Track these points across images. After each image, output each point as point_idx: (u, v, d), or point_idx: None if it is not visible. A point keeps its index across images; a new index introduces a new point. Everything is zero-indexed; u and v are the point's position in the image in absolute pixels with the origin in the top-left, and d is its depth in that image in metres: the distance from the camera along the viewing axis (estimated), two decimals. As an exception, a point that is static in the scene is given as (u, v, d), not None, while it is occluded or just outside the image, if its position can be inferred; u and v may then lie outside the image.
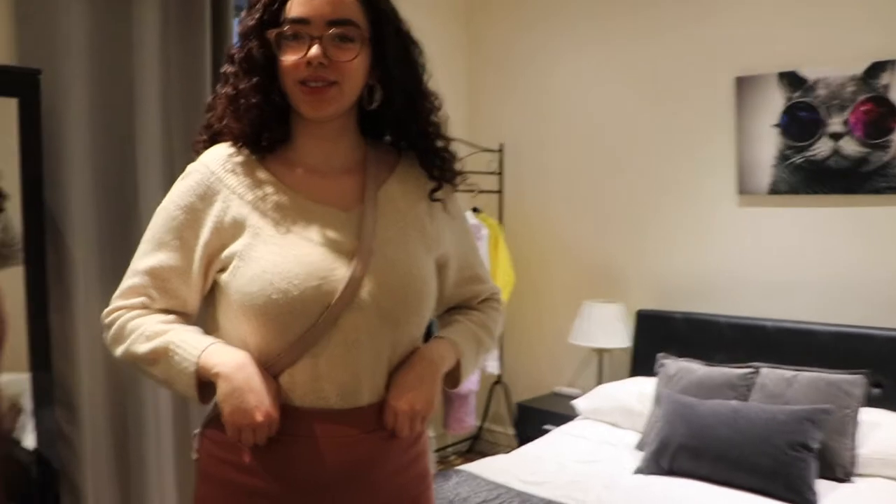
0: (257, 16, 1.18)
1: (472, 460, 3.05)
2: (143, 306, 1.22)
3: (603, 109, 3.84)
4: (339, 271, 1.16)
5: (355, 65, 1.17)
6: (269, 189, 1.20)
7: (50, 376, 2.46)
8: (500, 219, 4.13)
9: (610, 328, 3.61)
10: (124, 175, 2.69)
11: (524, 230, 4.10)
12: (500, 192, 4.14)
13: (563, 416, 3.54)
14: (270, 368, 1.16)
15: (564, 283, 3.99)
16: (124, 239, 2.68)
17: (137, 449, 2.73)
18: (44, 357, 2.44)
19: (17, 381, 2.46)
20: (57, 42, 2.49)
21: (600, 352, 3.73)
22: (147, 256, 1.22)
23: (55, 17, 2.48)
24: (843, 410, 2.68)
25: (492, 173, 4.08)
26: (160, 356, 1.17)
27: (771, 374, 2.89)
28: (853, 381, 2.75)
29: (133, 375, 2.68)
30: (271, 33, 1.16)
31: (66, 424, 2.54)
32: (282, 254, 1.15)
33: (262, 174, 1.22)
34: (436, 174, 1.29)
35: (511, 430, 4.09)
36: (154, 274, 1.21)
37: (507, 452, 3.16)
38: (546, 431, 3.39)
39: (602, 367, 3.75)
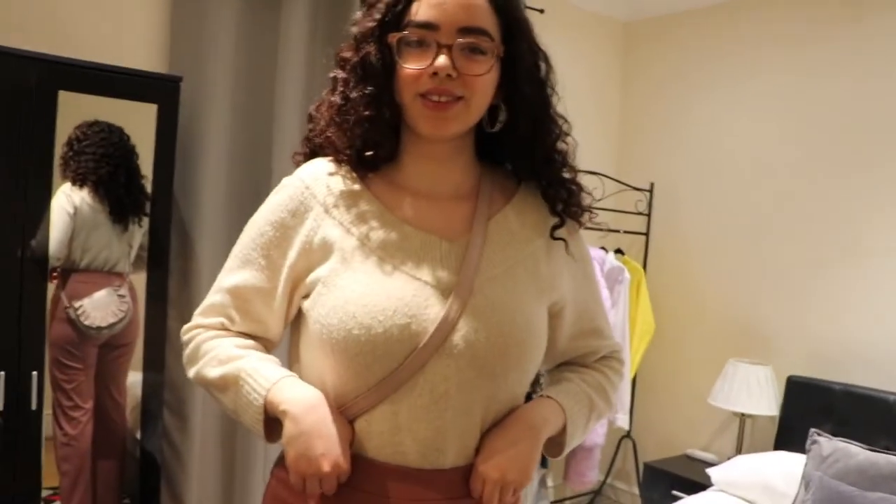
0: (378, 16, 1.06)
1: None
2: (222, 327, 1.14)
3: (767, 152, 3.53)
4: (433, 310, 1.02)
5: (486, 80, 1.05)
6: (366, 210, 1.08)
7: (161, 378, 2.46)
8: (645, 263, 3.89)
9: (755, 392, 3.29)
10: (258, 185, 2.69)
11: (669, 276, 3.83)
12: (646, 234, 3.90)
13: (694, 483, 3.25)
14: (345, 412, 1.04)
15: (709, 338, 3.69)
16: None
17: (244, 463, 2.71)
18: (156, 358, 2.44)
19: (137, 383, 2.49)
20: (203, 49, 2.53)
21: (742, 417, 3.41)
22: (231, 274, 1.14)
23: (205, 25, 2.51)
24: None
25: (639, 213, 3.86)
26: (230, 384, 1.08)
27: (949, 469, 2.50)
28: None
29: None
30: (393, 37, 1.04)
31: (175, 431, 2.55)
32: (369, 284, 1.03)
33: (361, 194, 1.10)
34: (560, 208, 1.14)
35: (636, 490, 3.82)
36: (236, 293, 1.13)
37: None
38: (675, 498, 3.12)
39: (743, 434, 3.42)
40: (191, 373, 1.15)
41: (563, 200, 1.14)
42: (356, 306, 1.01)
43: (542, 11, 3.44)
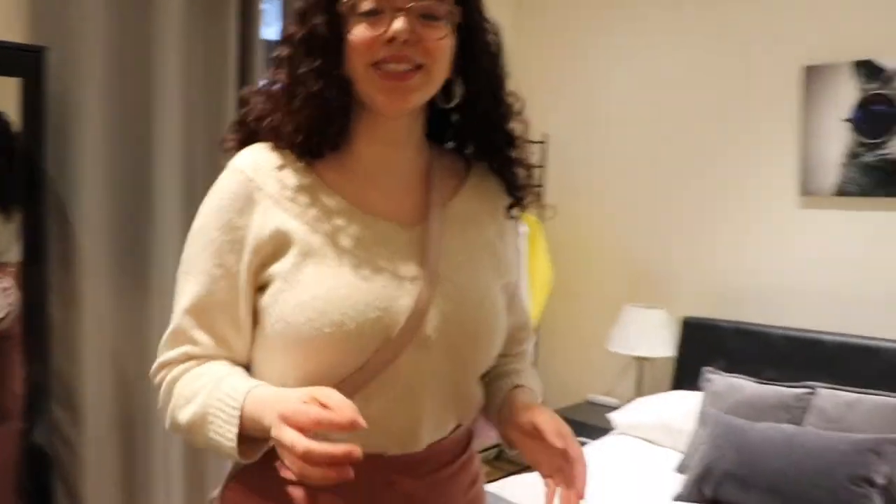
0: None
1: (500, 469, 2.90)
2: (188, 357, 1.04)
3: (656, 101, 3.62)
4: (403, 301, 0.99)
5: (445, 46, 1.00)
6: (320, 198, 1.02)
7: (45, 370, 2.35)
8: (541, 215, 3.94)
9: (652, 335, 3.41)
10: (139, 160, 2.58)
11: (565, 228, 3.90)
12: (541, 186, 3.95)
13: (598, 428, 3.36)
14: None
15: (605, 286, 3.79)
16: (137, 234, 2.60)
17: (144, 455, 2.63)
18: (39, 349, 2.33)
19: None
20: (69, 17, 2.36)
21: (640, 360, 3.53)
22: (185, 293, 1.04)
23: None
24: (913, 441, 2.46)
25: (534, 165, 3.89)
26: (197, 426, 0.98)
27: (830, 396, 2.68)
28: (925, 408, 2.52)
29: (143, 376, 2.56)
30: (347, 4, 0.97)
31: (67, 425, 2.45)
32: (335, 278, 0.98)
33: (311, 181, 1.03)
34: (515, 189, 1.14)
35: (542, 439, 3.91)
36: (195, 312, 1.02)
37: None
38: (581, 444, 3.20)
39: (642, 377, 3.55)
40: (166, 425, 1.05)
41: (519, 181, 1.14)
42: (324, 302, 0.96)
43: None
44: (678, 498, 2.59)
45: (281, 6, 3.06)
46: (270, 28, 3.05)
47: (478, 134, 1.12)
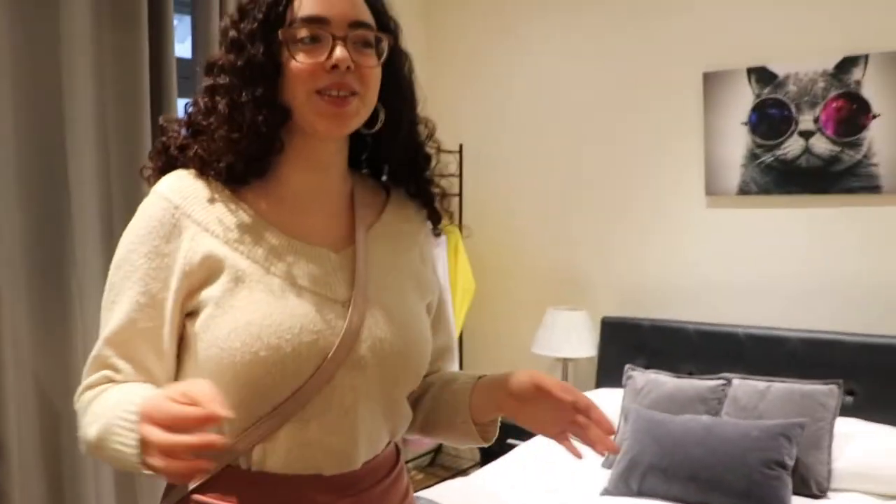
0: (260, 17, 1.02)
1: (434, 475, 2.95)
2: (108, 380, 1.03)
3: (565, 108, 3.75)
4: (336, 323, 1.02)
5: (377, 73, 1.06)
6: (248, 224, 1.04)
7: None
8: (460, 223, 4.02)
9: (574, 337, 3.52)
10: (53, 189, 2.55)
11: (484, 235, 3.99)
12: (459, 195, 4.03)
13: (526, 430, 3.43)
14: (248, 435, 1.00)
15: (527, 290, 3.89)
16: (54, 260, 2.56)
17: (74, 495, 2.57)
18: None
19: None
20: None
21: (565, 361, 3.64)
22: (108, 322, 1.03)
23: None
24: (818, 423, 2.64)
25: (450, 175, 3.97)
26: (103, 439, 0.97)
27: (743, 386, 2.83)
28: (827, 391, 2.70)
29: (67, 410, 2.53)
30: (285, 32, 1.01)
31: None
32: (270, 303, 1.00)
33: (237, 207, 1.05)
34: (432, 210, 1.20)
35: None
36: (116, 340, 1.02)
37: (470, 466, 3.06)
38: (510, 446, 3.30)
39: (567, 377, 3.66)
40: (82, 448, 1.04)
41: (434, 202, 1.19)
42: (260, 327, 0.97)
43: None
44: (605, 493, 2.69)
45: (192, 22, 3.06)
46: (182, 45, 3.05)
47: (396, 158, 1.17)
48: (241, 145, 1.02)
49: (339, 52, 0.99)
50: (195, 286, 1.01)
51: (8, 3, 2.42)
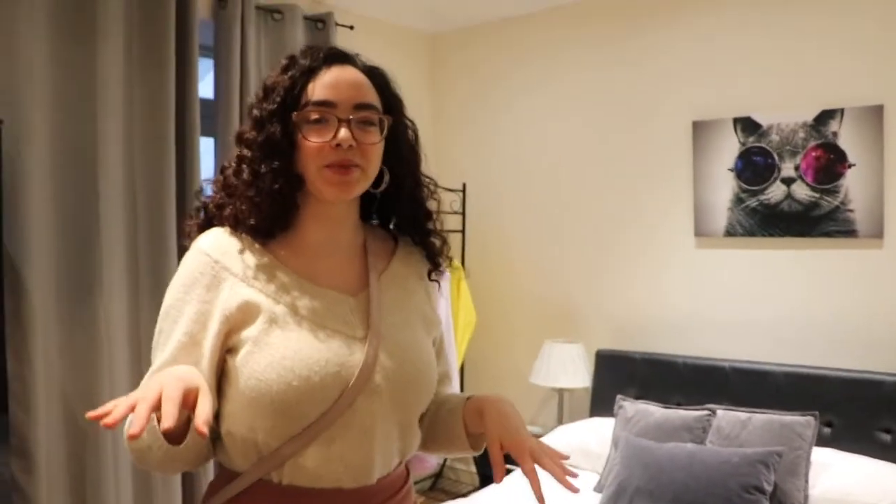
0: (279, 99, 1.20)
1: (435, 499, 3.09)
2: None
3: (562, 150, 3.98)
4: (355, 357, 1.19)
5: (378, 148, 1.23)
6: (277, 275, 1.21)
7: (5, 420, 2.48)
8: (463, 259, 4.22)
9: (570, 368, 3.70)
10: (86, 221, 2.78)
11: (485, 270, 4.20)
12: (462, 231, 4.23)
13: (525, 456, 3.59)
14: (281, 450, 1.16)
15: (525, 323, 4.08)
16: (84, 286, 2.76)
17: (95, 499, 2.76)
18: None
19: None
20: (19, 90, 2.56)
21: (560, 391, 3.82)
22: (155, 359, 1.19)
23: (18, 66, 2.55)
24: (796, 451, 2.80)
25: (454, 213, 4.17)
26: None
27: (726, 416, 3.00)
28: (805, 422, 2.87)
29: (94, 425, 2.72)
30: (298, 115, 1.19)
31: (20, 474, 2.55)
32: (300, 341, 1.16)
33: (267, 260, 1.22)
34: (434, 256, 1.37)
35: (474, 469, 4.16)
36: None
37: (469, 491, 3.22)
38: (508, 471, 3.43)
39: (562, 406, 3.83)
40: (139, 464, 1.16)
41: (437, 248, 1.37)
42: (293, 361, 1.13)
43: (351, 28, 3.67)
44: (596, 514, 2.86)
45: (214, 66, 3.28)
46: (204, 83, 3.26)
47: (401, 211, 1.34)
48: (262, 207, 1.19)
49: (343, 133, 1.16)
50: (234, 328, 1.17)
51: (50, 41, 2.65)
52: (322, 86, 1.19)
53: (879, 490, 2.70)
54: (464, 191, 4.26)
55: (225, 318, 1.16)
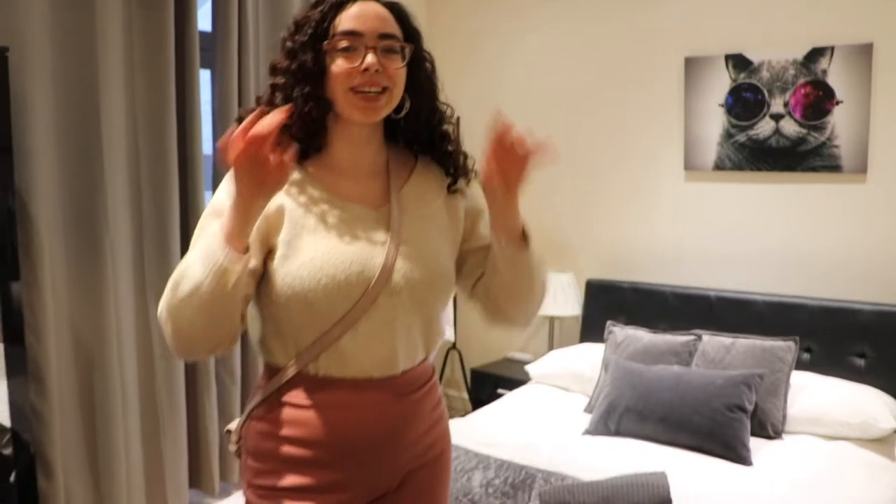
0: (310, 31, 1.32)
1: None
2: None
3: (557, 88, 4.05)
4: (377, 259, 1.33)
5: (402, 73, 1.35)
6: (308, 189, 1.35)
7: (23, 350, 2.58)
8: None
9: (561, 297, 3.85)
10: (89, 154, 2.82)
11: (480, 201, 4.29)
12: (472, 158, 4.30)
13: (516, 380, 3.79)
14: (316, 344, 1.32)
15: (518, 253, 4.19)
16: (89, 219, 2.82)
17: (105, 424, 2.89)
18: (15, 329, 2.56)
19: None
20: (21, 21, 2.57)
21: (552, 319, 3.97)
22: (193, 247, 1.30)
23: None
24: (776, 374, 2.98)
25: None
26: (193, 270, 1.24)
27: (711, 341, 3.17)
28: (785, 347, 3.05)
29: (101, 351, 2.84)
30: (329, 44, 1.31)
31: (36, 397, 2.66)
32: (328, 244, 1.31)
33: (300, 176, 1.36)
34: (451, 171, 1.49)
35: (465, 395, 4.33)
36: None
37: (463, 416, 3.38)
38: (499, 395, 3.62)
39: (553, 333, 3.99)
40: (172, 303, 1.25)
41: (453, 165, 1.49)
42: (322, 261, 1.29)
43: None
44: (587, 432, 3.03)
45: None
46: (202, 12, 3.26)
47: (420, 134, 1.48)
48: (294, 129, 1.31)
49: (370, 58, 1.30)
50: (272, 229, 1.32)
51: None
52: (349, 17, 1.31)
53: (851, 410, 2.90)
54: (457, 124, 4.31)
55: (265, 217, 1.29)
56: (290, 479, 1.35)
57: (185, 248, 3.08)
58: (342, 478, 1.36)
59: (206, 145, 3.22)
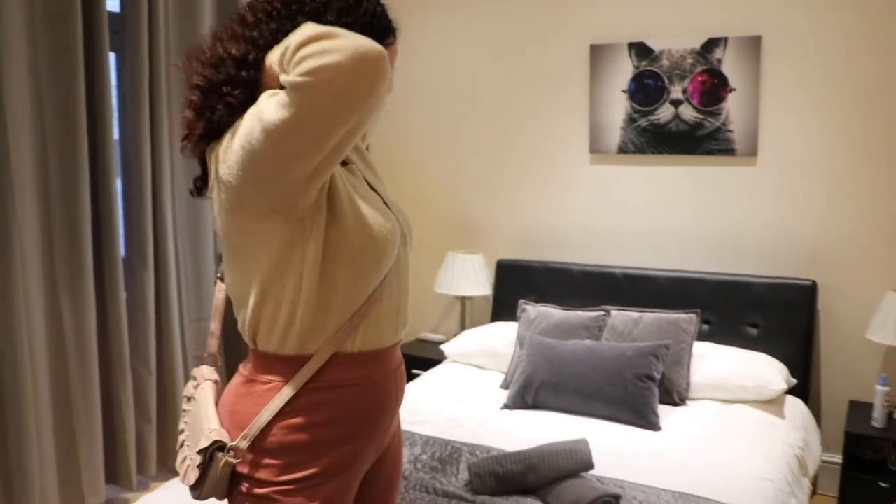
0: (368, 20, 1.46)
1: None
2: None
3: (467, 71, 4.19)
4: (391, 214, 1.41)
5: None
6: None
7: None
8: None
9: (472, 277, 4.01)
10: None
11: (391, 187, 4.36)
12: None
13: (430, 360, 3.92)
14: (360, 312, 1.34)
15: (429, 236, 4.33)
16: None
17: (16, 419, 2.84)
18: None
19: None
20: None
21: (463, 300, 4.13)
22: None
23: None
24: (680, 345, 3.23)
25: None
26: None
27: (620, 316, 3.40)
28: (688, 319, 3.30)
29: (10, 345, 2.78)
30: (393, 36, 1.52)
31: None
32: (369, 208, 1.34)
33: None
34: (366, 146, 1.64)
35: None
36: None
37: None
38: (415, 376, 3.74)
39: (465, 313, 4.15)
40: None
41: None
42: (375, 215, 1.34)
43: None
44: (505, 408, 3.19)
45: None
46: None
47: None
48: None
49: None
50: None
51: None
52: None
53: (747, 375, 3.18)
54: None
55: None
56: (321, 464, 1.33)
57: (96, 235, 3.09)
58: (359, 451, 1.40)
59: (117, 131, 3.18)
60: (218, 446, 1.30)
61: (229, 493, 1.35)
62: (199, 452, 1.31)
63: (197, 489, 1.33)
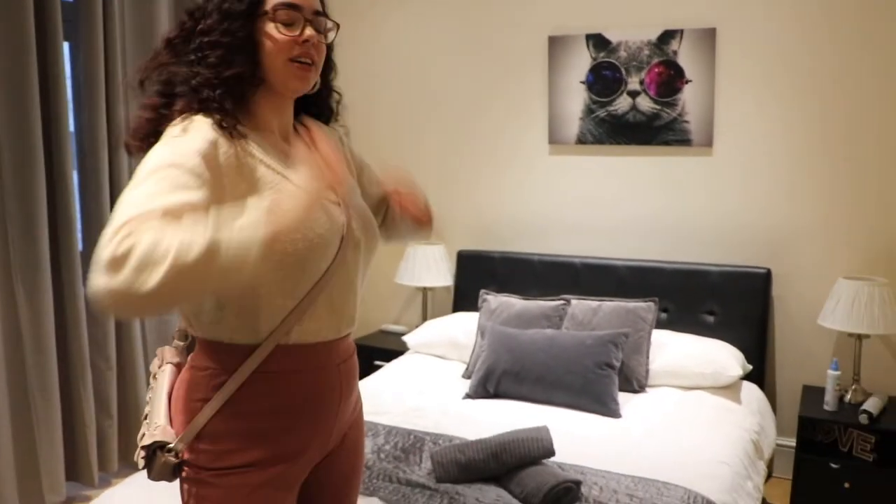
0: (247, 1, 1.37)
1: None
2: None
3: (426, 62, 4.21)
4: (341, 217, 1.41)
5: (325, 50, 1.46)
6: (261, 150, 1.38)
7: None
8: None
9: (433, 268, 4.05)
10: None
11: (350, 175, 4.38)
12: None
13: (392, 351, 3.96)
14: (297, 310, 1.35)
15: (390, 226, 4.34)
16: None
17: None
18: None
19: None
20: None
21: (424, 290, 4.16)
22: (157, 198, 1.15)
23: None
24: (639, 333, 3.29)
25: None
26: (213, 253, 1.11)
27: (579, 305, 3.46)
28: (646, 307, 3.37)
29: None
30: (270, 15, 1.36)
31: None
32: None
33: (246, 142, 1.36)
34: (342, 132, 1.67)
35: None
36: (169, 212, 1.13)
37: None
38: (378, 367, 3.76)
39: (426, 304, 4.18)
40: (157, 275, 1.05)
41: (340, 123, 1.66)
42: (310, 222, 1.31)
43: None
44: (468, 397, 3.23)
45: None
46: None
47: (323, 99, 1.60)
48: (220, 96, 1.35)
49: (309, 30, 1.39)
50: (250, 187, 1.32)
51: None
52: None
53: (704, 362, 3.26)
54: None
55: (238, 171, 1.32)
56: (258, 453, 1.37)
57: (53, 229, 3.05)
58: (302, 442, 1.42)
59: (72, 123, 3.15)
60: (159, 445, 1.35)
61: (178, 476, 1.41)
62: (143, 448, 1.37)
63: (148, 473, 1.39)
